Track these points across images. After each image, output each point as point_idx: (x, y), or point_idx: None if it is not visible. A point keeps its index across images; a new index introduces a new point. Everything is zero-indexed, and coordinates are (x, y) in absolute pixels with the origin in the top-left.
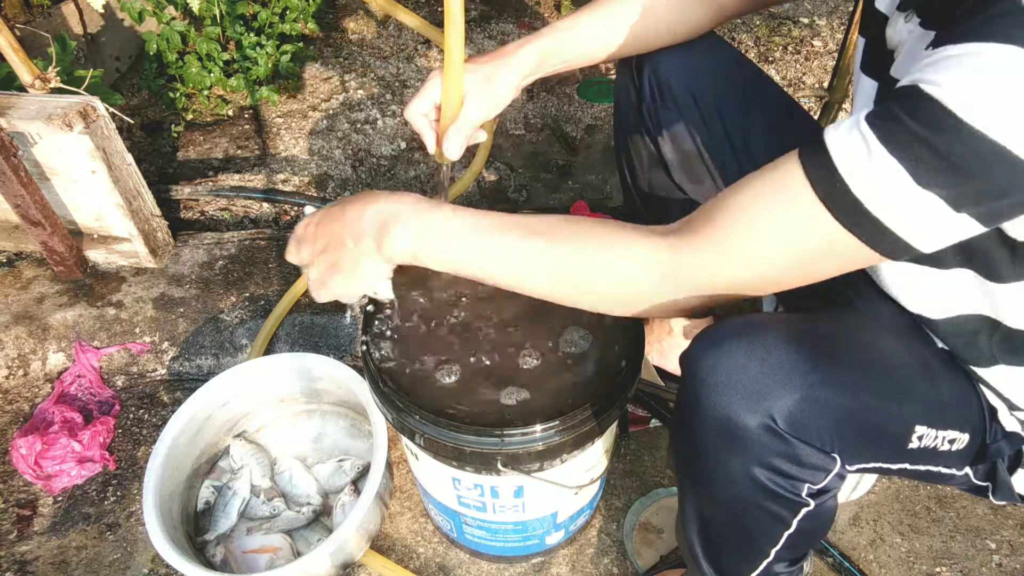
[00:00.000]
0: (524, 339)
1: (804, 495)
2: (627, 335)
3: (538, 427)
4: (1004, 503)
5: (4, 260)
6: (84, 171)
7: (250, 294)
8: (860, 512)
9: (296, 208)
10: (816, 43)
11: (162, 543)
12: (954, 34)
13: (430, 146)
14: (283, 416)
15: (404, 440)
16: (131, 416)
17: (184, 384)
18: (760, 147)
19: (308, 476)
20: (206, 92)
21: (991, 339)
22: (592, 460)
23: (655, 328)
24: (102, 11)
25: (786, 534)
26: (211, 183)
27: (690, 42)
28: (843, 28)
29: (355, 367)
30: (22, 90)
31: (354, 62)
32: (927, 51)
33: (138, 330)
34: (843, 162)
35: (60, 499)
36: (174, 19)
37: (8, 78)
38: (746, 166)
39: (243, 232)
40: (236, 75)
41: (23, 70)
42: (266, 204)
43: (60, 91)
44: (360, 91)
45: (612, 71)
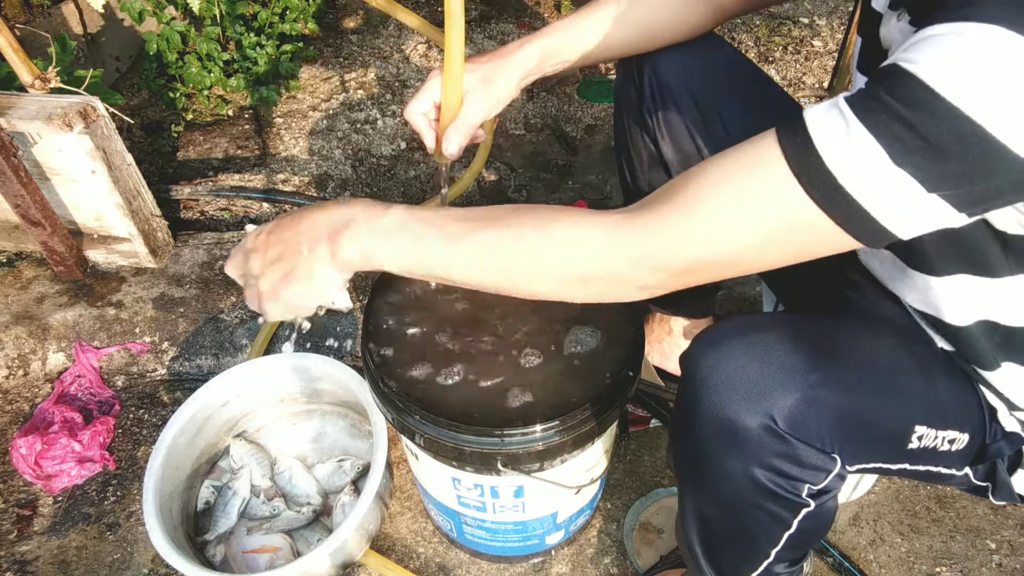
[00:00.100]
0: (524, 339)
1: (804, 495)
2: (627, 335)
3: (538, 427)
4: (1004, 503)
5: (4, 260)
6: (84, 171)
7: None
8: (860, 512)
9: (296, 208)
10: (816, 43)
11: (162, 543)
12: (936, 16)
13: (429, 145)
14: (283, 416)
15: (404, 440)
16: (131, 416)
17: (184, 384)
18: None
19: (308, 476)
20: (206, 92)
21: (991, 340)
22: (592, 460)
23: (655, 328)
24: (102, 11)
25: (786, 534)
26: (211, 183)
27: (690, 42)
28: (843, 28)
29: (355, 367)
30: (22, 90)
31: (354, 62)
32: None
33: (138, 330)
34: (820, 137)
35: (60, 499)
36: (174, 19)
37: (8, 78)
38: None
39: (243, 232)
40: (236, 75)
41: (23, 70)
42: (266, 204)
43: (60, 91)
44: (360, 91)
45: (612, 71)
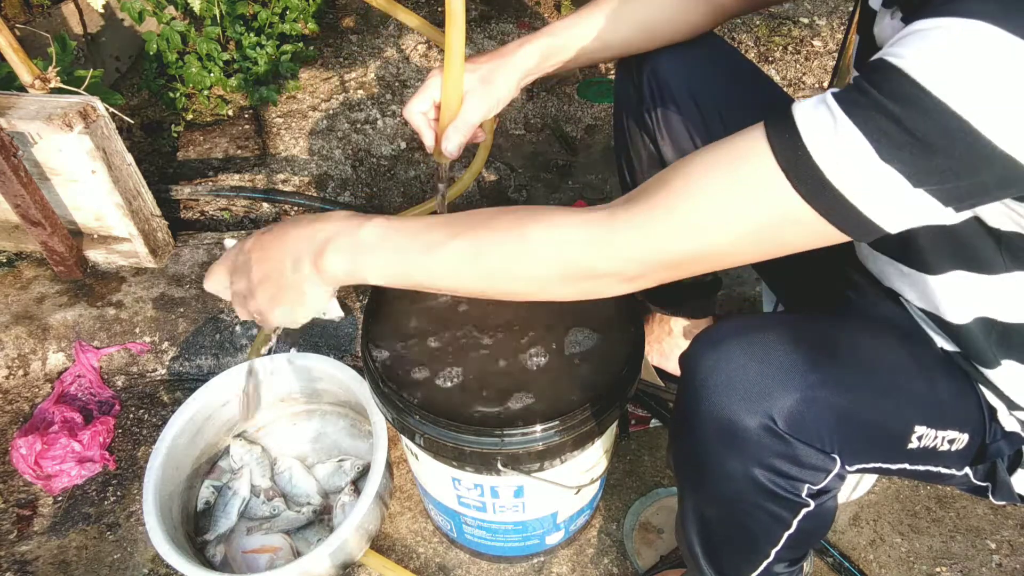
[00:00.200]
0: (524, 339)
1: (804, 495)
2: (627, 335)
3: (538, 427)
4: (1004, 503)
5: (4, 260)
6: (84, 171)
7: None
8: (860, 512)
9: (296, 208)
10: (816, 43)
11: (162, 543)
12: (923, 12)
13: (429, 145)
14: (283, 416)
15: (404, 440)
16: (131, 416)
17: (184, 384)
18: None
19: (308, 476)
20: (206, 92)
21: (988, 337)
22: (592, 460)
23: (655, 329)
24: (102, 11)
25: (786, 534)
26: (211, 183)
27: (690, 42)
28: (843, 28)
29: (355, 367)
30: (22, 90)
31: (354, 62)
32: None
33: (138, 330)
34: (808, 132)
35: (60, 499)
36: (174, 19)
37: (8, 78)
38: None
39: (243, 232)
40: (236, 75)
41: (23, 70)
42: (266, 204)
43: (60, 91)
44: (360, 91)
45: (612, 71)
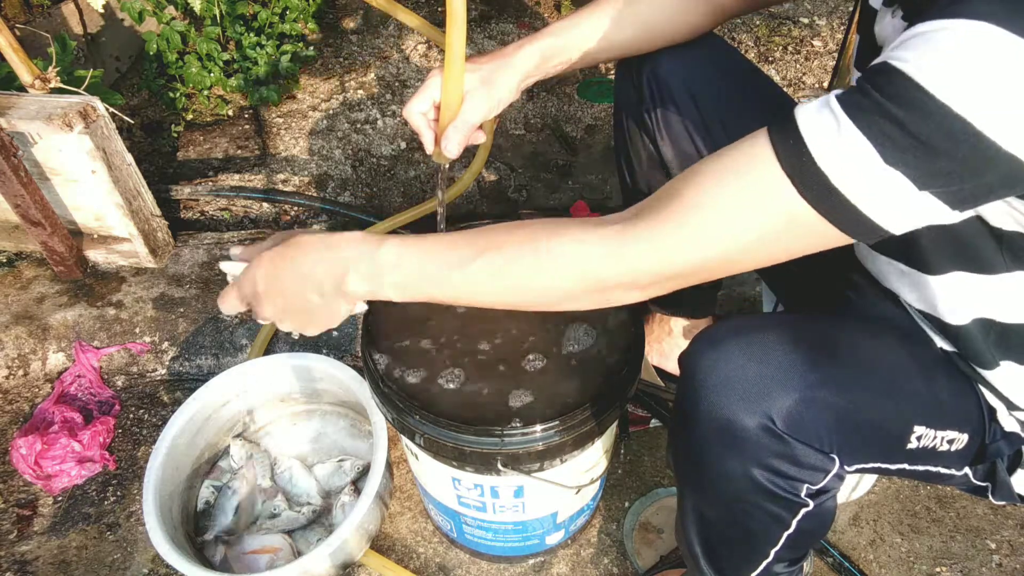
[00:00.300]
0: (524, 339)
1: (803, 495)
2: (627, 335)
3: (538, 427)
4: (1004, 503)
5: (4, 260)
6: (84, 171)
7: None
8: (860, 512)
9: (296, 208)
10: (816, 43)
11: (162, 543)
12: (926, 13)
13: (428, 145)
14: (283, 416)
15: (404, 440)
16: (131, 416)
17: (184, 384)
18: None
19: (308, 476)
20: (206, 92)
21: (987, 337)
22: (592, 460)
23: (655, 328)
24: (102, 11)
25: (785, 534)
26: (211, 183)
27: (690, 42)
28: (843, 28)
29: (355, 367)
30: (22, 90)
31: (354, 62)
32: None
33: (138, 330)
34: (811, 137)
35: (60, 499)
36: (174, 19)
37: (8, 78)
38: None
39: (243, 232)
40: (236, 75)
41: (23, 70)
42: (266, 204)
43: (60, 91)
44: (360, 91)
45: (612, 71)
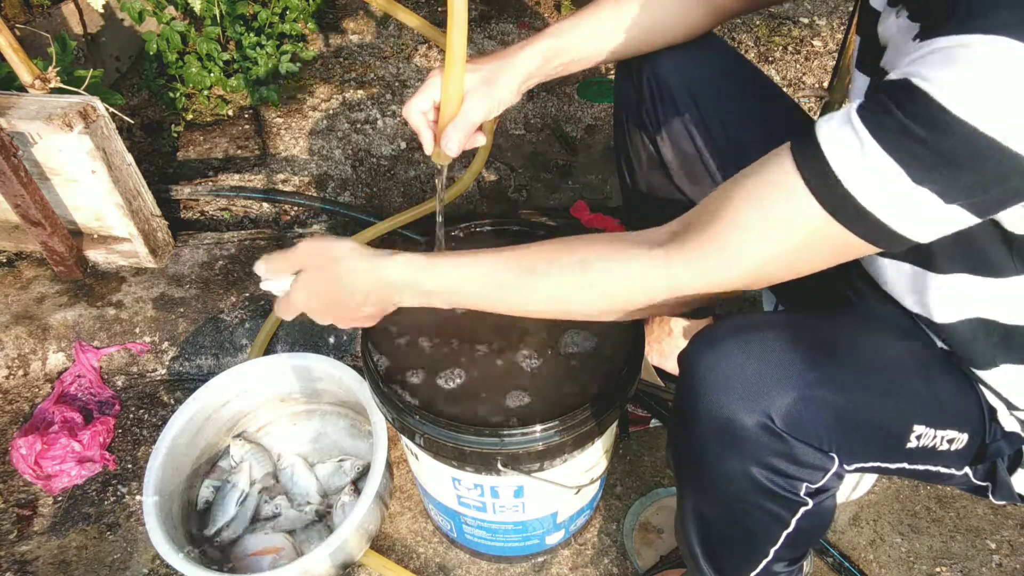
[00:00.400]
0: (524, 339)
1: (802, 494)
2: (627, 335)
3: (538, 427)
4: (1004, 503)
5: (4, 260)
6: (84, 171)
7: (250, 294)
8: (860, 512)
9: (296, 208)
10: (816, 43)
11: (162, 543)
12: (941, 27)
13: (427, 145)
14: (283, 416)
15: (404, 440)
16: (131, 416)
17: (184, 384)
18: (760, 148)
19: (309, 474)
20: (206, 92)
21: (989, 338)
22: (592, 460)
23: (655, 329)
24: (102, 11)
25: (785, 533)
26: (211, 183)
27: (689, 43)
28: (843, 28)
29: (355, 367)
30: (22, 90)
31: (354, 62)
32: (915, 43)
33: (138, 330)
34: (836, 159)
35: (60, 499)
36: (174, 19)
37: (8, 78)
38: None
39: (243, 232)
40: (236, 75)
41: (23, 70)
42: (266, 204)
43: (60, 91)
44: (360, 91)
45: (612, 71)
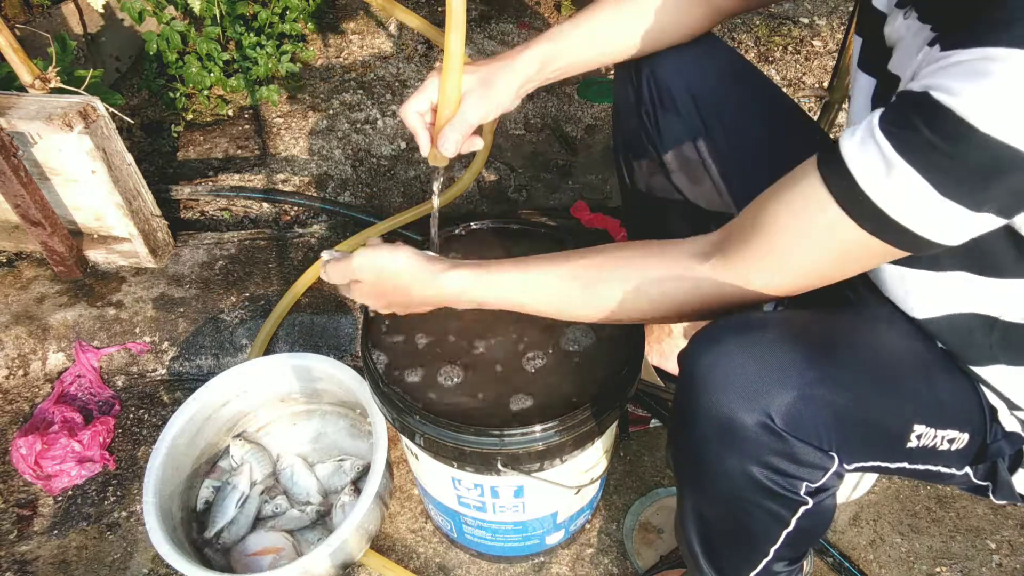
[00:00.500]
0: (524, 339)
1: (802, 493)
2: (627, 335)
3: (538, 427)
4: (1004, 503)
5: (4, 260)
6: (84, 171)
7: (250, 294)
8: (860, 512)
9: (296, 208)
10: (816, 43)
11: (162, 543)
12: (961, 38)
13: (424, 147)
14: (283, 416)
15: (404, 440)
16: (131, 416)
17: (184, 384)
18: (760, 148)
19: (309, 474)
20: (206, 92)
21: (990, 336)
22: (592, 460)
23: (655, 329)
24: (102, 11)
25: (785, 533)
26: (211, 183)
27: (688, 43)
28: (843, 28)
29: (355, 367)
30: (22, 90)
31: (354, 62)
32: (931, 49)
33: (138, 330)
34: (862, 176)
35: (60, 499)
36: (174, 19)
37: (8, 78)
38: (746, 167)
39: (243, 232)
40: (236, 75)
41: (23, 70)
42: (266, 204)
43: (60, 91)
44: (360, 91)
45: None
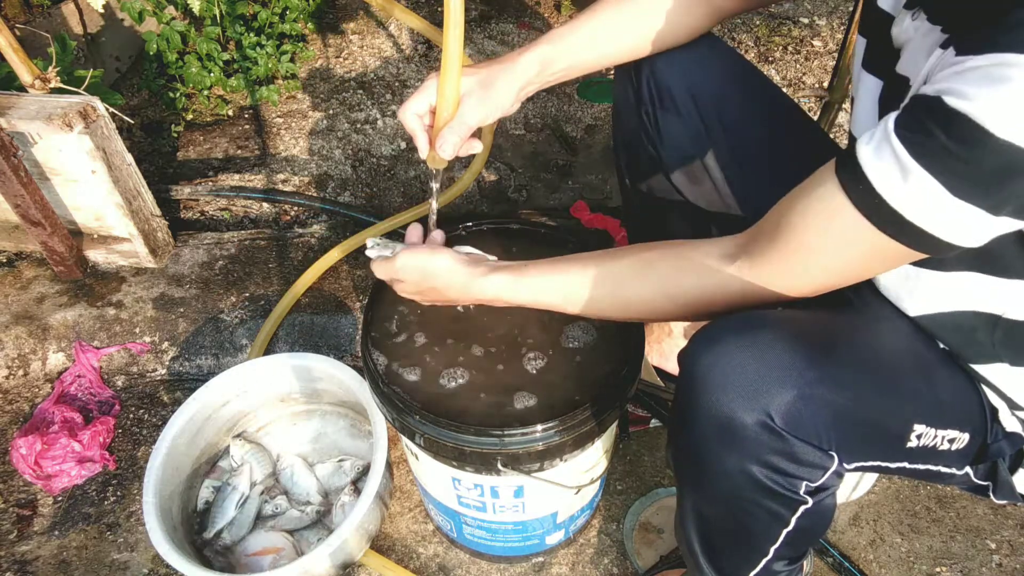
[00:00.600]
0: (524, 339)
1: (802, 493)
2: (627, 335)
3: (538, 427)
4: (1005, 502)
5: (4, 260)
6: (84, 171)
7: (250, 294)
8: (860, 512)
9: (296, 208)
10: (816, 43)
11: (162, 543)
12: (976, 43)
13: (423, 149)
14: (283, 416)
15: (404, 440)
16: (131, 416)
17: (184, 384)
18: (760, 148)
19: (309, 473)
20: (206, 92)
21: (992, 335)
22: (592, 460)
23: (655, 329)
24: (102, 11)
25: (785, 532)
26: (211, 183)
27: (688, 44)
28: (843, 28)
29: (355, 367)
30: (22, 90)
31: (354, 62)
32: (944, 52)
33: (138, 330)
34: (879, 181)
35: (60, 499)
36: (174, 19)
37: (8, 78)
38: (746, 167)
39: (243, 232)
40: (236, 75)
41: (23, 70)
42: (266, 204)
43: (60, 91)
44: (360, 91)
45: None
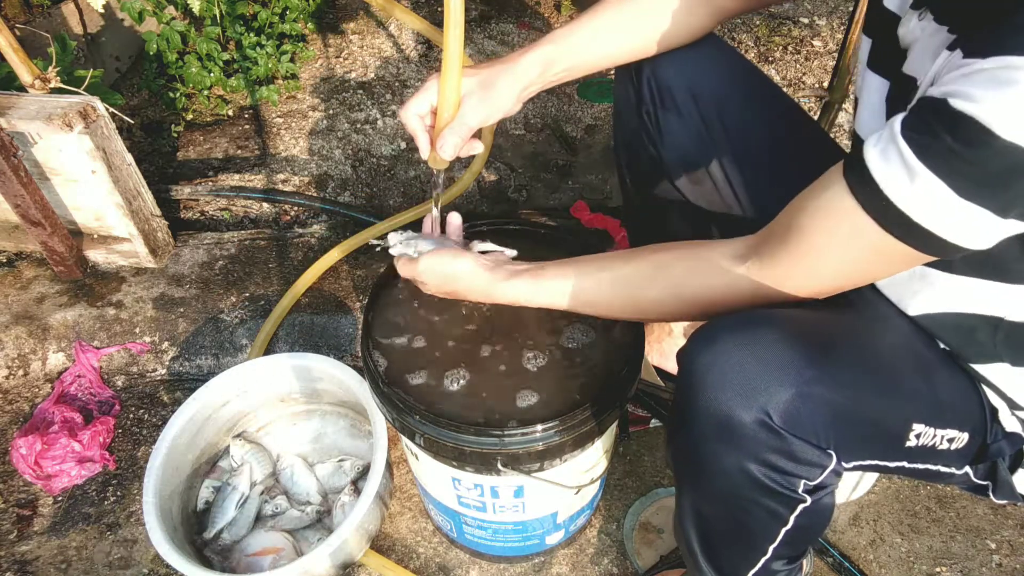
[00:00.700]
0: (524, 339)
1: (800, 491)
2: (627, 335)
3: (538, 427)
4: (1004, 502)
5: (4, 260)
6: (84, 171)
7: (250, 294)
8: (860, 512)
9: (296, 208)
10: (816, 43)
11: (162, 543)
12: (982, 45)
13: (424, 150)
14: (283, 416)
15: (404, 440)
16: (131, 416)
17: (184, 384)
18: (760, 148)
19: (309, 473)
20: (206, 92)
21: (994, 336)
22: (592, 460)
23: (655, 328)
24: (102, 11)
25: (783, 531)
26: (211, 183)
27: (689, 44)
28: (843, 28)
29: (355, 367)
30: (22, 90)
31: (354, 62)
32: (951, 55)
33: (138, 330)
34: (886, 183)
35: (60, 499)
36: (174, 19)
37: (8, 78)
38: (747, 167)
39: (243, 232)
40: (236, 75)
41: (23, 70)
42: (266, 204)
43: (60, 91)
44: (360, 91)
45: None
